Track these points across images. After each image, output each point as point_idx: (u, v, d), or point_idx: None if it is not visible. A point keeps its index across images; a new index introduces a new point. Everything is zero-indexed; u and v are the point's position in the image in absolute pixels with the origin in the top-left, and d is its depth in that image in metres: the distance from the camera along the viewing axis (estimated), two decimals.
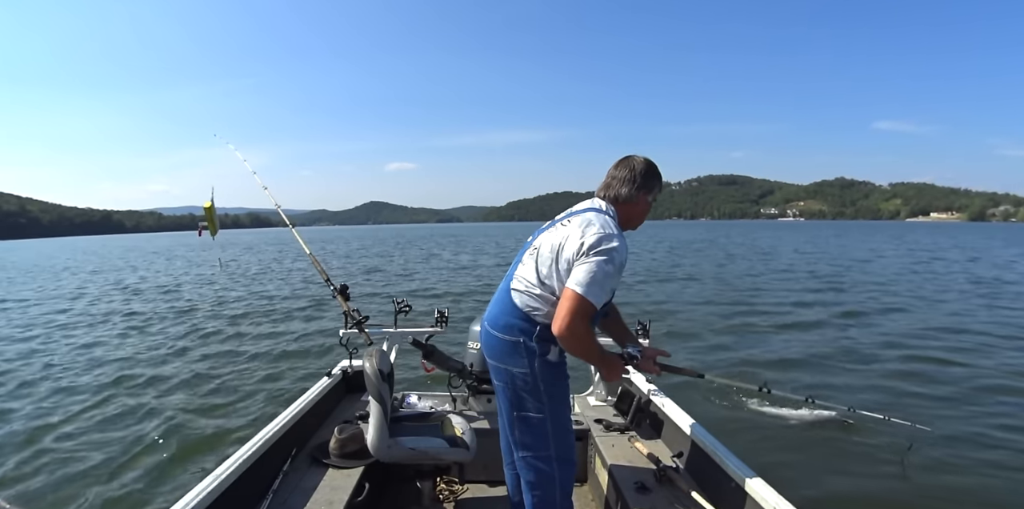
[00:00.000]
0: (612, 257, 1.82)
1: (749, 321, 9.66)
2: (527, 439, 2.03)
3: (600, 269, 1.79)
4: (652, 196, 2.08)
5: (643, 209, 2.09)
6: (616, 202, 2.04)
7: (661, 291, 14.09)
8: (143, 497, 3.56)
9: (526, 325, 1.95)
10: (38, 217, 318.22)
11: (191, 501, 1.79)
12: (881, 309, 11.26)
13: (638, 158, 2.05)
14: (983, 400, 5.57)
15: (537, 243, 2.02)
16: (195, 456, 4.12)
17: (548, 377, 1.98)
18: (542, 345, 1.93)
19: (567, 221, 1.98)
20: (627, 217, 2.06)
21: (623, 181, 2.03)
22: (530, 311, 1.94)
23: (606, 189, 2.06)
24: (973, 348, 7.83)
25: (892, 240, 47.76)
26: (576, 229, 1.89)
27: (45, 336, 9.31)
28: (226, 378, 6.03)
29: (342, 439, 2.55)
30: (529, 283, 1.95)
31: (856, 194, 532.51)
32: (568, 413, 2.08)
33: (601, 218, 1.92)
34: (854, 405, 2.50)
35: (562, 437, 2.03)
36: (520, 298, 1.96)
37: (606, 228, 1.87)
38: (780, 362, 7.05)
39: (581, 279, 1.79)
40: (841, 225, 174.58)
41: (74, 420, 4.80)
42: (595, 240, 1.82)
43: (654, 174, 2.06)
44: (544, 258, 1.93)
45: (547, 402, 1.99)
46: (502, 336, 1.99)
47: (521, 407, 2.01)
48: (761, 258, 26.47)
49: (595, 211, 1.98)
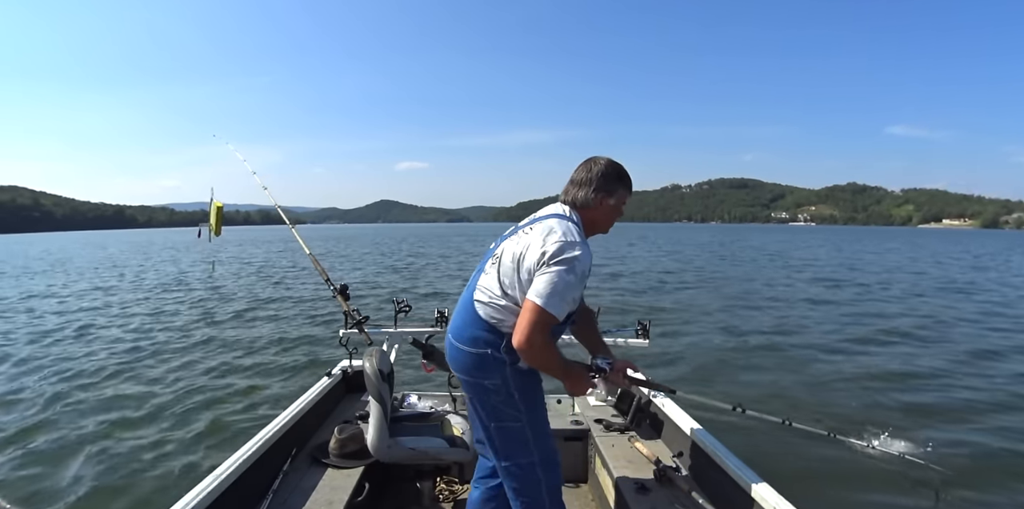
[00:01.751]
0: (573, 266, 1.74)
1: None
2: (509, 448, 1.96)
3: (561, 279, 1.72)
4: (615, 199, 1.96)
5: (606, 213, 1.97)
6: (576, 206, 1.94)
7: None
8: (143, 497, 3.56)
9: (492, 337, 1.87)
10: (51, 211, 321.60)
11: (191, 501, 1.79)
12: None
13: (600, 159, 1.96)
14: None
15: (499, 251, 1.93)
16: (194, 456, 4.11)
17: (522, 385, 1.91)
18: (512, 355, 1.83)
19: (529, 228, 1.89)
20: (590, 222, 1.96)
21: (581, 184, 1.94)
22: (496, 323, 1.86)
23: (566, 193, 1.98)
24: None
25: (950, 247, 45.72)
26: (537, 237, 1.81)
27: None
28: (226, 378, 6.03)
29: (342, 439, 2.54)
30: (492, 294, 1.86)
31: (868, 199, 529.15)
32: (545, 416, 2.02)
33: (563, 225, 1.83)
34: (834, 430, 2.36)
35: (543, 441, 1.97)
36: (484, 310, 1.88)
37: (568, 235, 1.78)
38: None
39: (541, 290, 1.72)
40: (854, 230, 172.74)
41: (66, 419, 4.80)
42: (556, 249, 1.74)
43: (615, 176, 1.95)
44: (506, 267, 1.85)
45: (524, 410, 1.91)
46: (468, 349, 1.90)
47: (498, 418, 1.93)
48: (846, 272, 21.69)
49: (558, 217, 1.89)
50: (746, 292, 14.61)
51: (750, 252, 33.02)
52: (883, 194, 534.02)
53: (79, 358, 7.31)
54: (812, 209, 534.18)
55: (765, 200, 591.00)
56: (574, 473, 2.99)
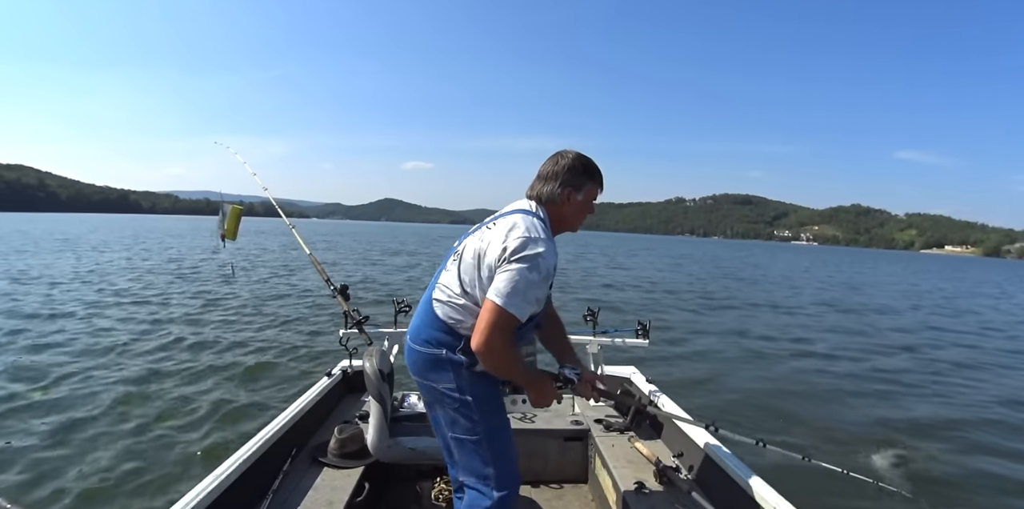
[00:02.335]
0: (536, 264, 1.63)
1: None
2: (465, 461, 1.85)
3: (523, 277, 1.62)
4: (583, 194, 1.85)
5: (574, 209, 1.86)
6: (542, 202, 1.85)
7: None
8: (142, 497, 3.53)
9: (449, 338, 1.77)
10: (56, 192, 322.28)
11: (191, 501, 1.78)
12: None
13: (568, 153, 1.86)
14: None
15: (461, 248, 1.82)
16: (194, 456, 4.08)
17: (479, 391, 1.79)
18: (470, 356, 1.73)
19: (492, 224, 1.79)
20: (557, 218, 1.85)
21: (547, 179, 1.84)
22: (454, 324, 1.76)
23: (532, 188, 1.88)
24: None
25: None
26: (500, 233, 1.71)
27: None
28: (225, 378, 6.00)
29: (342, 439, 2.52)
30: (452, 293, 1.77)
31: (871, 222, 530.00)
32: (506, 427, 1.89)
33: (528, 220, 1.73)
34: (810, 455, 2.28)
35: (501, 456, 1.83)
36: (442, 309, 1.78)
37: (531, 231, 1.68)
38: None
39: (501, 289, 1.61)
40: (857, 252, 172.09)
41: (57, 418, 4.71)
42: (518, 245, 1.64)
43: (583, 170, 1.84)
44: (467, 265, 1.74)
45: (480, 419, 1.79)
46: (422, 349, 1.81)
47: (454, 428, 1.82)
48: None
49: (523, 213, 1.78)
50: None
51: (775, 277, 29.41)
52: (887, 217, 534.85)
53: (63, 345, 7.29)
54: (815, 229, 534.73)
55: (768, 217, 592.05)
56: (574, 473, 2.98)
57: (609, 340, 3.31)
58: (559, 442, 2.95)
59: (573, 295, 14.71)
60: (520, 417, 3.02)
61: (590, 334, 3.32)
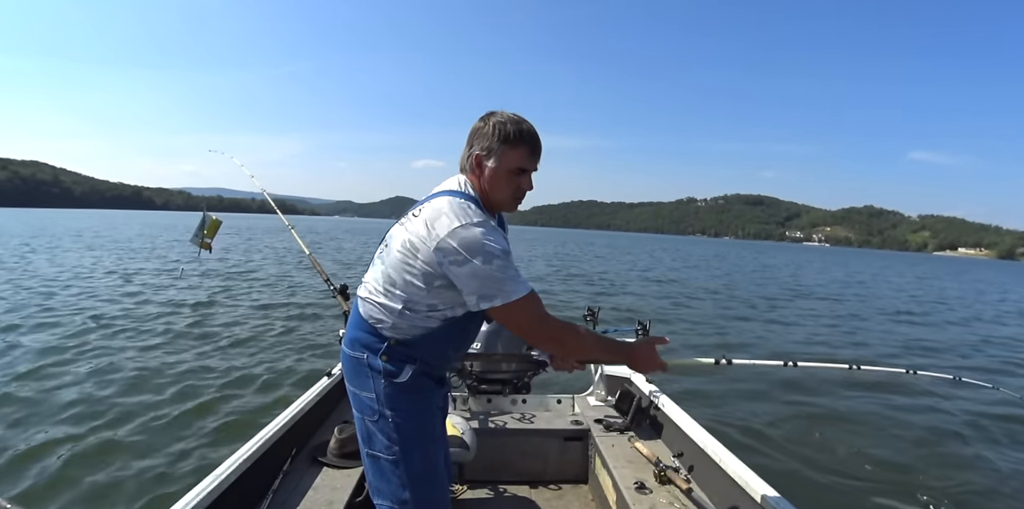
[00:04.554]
0: (488, 252, 1.39)
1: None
2: (377, 482, 1.62)
3: (494, 268, 1.39)
4: (495, 161, 1.52)
5: (492, 177, 1.54)
6: (465, 172, 1.59)
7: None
8: (142, 497, 3.54)
9: (371, 339, 1.55)
10: (71, 188, 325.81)
11: (191, 501, 1.77)
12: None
13: (492, 113, 1.55)
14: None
15: (387, 239, 1.59)
16: (194, 456, 4.09)
17: (398, 405, 1.55)
18: (391, 364, 1.53)
19: (418, 210, 1.52)
20: (482, 192, 1.57)
21: (466, 143, 1.58)
22: (375, 323, 1.54)
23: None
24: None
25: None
26: (425, 226, 1.44)
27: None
28: (225, 378, 6.02)
29: (342, 439, 2.52)
30: (374, 289, 1.55)
31: (884, 223, 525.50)
32: (433, 447, 1.63)
33: (453, 204, 1.45)
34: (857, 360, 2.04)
35: (423, 480, 1.59)
36: (364, 307, 1.57)
37: (460, 217, 1.41)
38: None
39: (491, 290, 1.41)
40: (871, 254, 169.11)
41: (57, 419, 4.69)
42: (457, 242, 1.39)
43: (493, 131, 1.52)
44: (394, 259, 1.50)
45: (398, 439, 1.55)
46: (347, 351, 1.61)
47: (369, 443, 1.59)
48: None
49: (448, 194, 1.50)
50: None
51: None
52: (900, 219, 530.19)
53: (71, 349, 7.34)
54: (827, 230, 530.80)
55: (780, 218, 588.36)
56: (574, 473, 2.98)
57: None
58: (559, 442, 2.95)
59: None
60: (520, 417, 3.02)
61: None
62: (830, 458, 4.60)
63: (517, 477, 2.92)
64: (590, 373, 3.42)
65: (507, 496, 2.79)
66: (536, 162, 1.58)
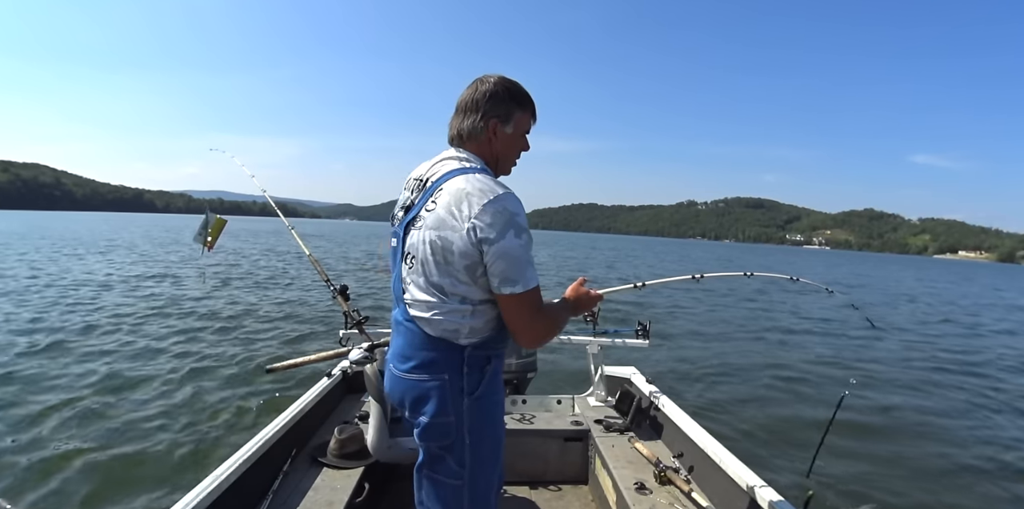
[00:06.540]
0: (517, 226, 1.35)
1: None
2: (431, 504, 1.54)
3: (517, 249, 1.35)
4: (512, 126, 1.50)
5: (504, 146, 1.52)
6: (464, 141, 1.51)
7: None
8: (142, 497, 3.54)
9: (450, 354, 1.43)
10: (72, 191, 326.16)
11: (191, 501, 1.78)
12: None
13: (489, 77, 1.51)
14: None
15: (408, 250, 1.47)
16: (193, 456, 4.09)
17: (478, 424, 1.46)
18: (472, 373, 1.44)
19: (432, 203, 1.42)
20: (491, 159, 1.52)
21: (466, 110, 1.49)
22: (450, 336, 1.43)
23: (451, 127, 1.53)
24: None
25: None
26: (450, 214, 1.37)
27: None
28: (225, 378, 6.02)
29: (342, 439, 2.52)
30: (430, 304, 1.43)
31: (884, 226, 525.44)
32: (495, 472, 1.56)
33: (472, 180, 1.38)
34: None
35: (479, 505, 1.51)
36: (431, 327, 1.43)
37: (486, 193, 1.35)
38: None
39: (510, 274, 1.35)
40: (871, 257, 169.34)
41: (58, 419, 4.71)
42: (490, 219, 1.33)
43: (509, 95, 1.49)
44: (431, 266, 1.41)
45: (470, 463, 1.47)
46: (423, 378, 1.45)
47: (433, 466, 1.50)
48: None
49: (458, 173, 1.42)
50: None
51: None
52: (900, 222, 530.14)
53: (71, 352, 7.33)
54: (827, 233, 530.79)
55: (780, 221, 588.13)
56: (574, 474, 2.98)
57: (609, 340, 3.30)
58: (559, 442, 2.95)
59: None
60: (520, 417, 3.02)
61: (590, 334, 3.30)
62: (831, 458, 4.58)
63: (517, 478, 2.92)
64: (590, 374, 3.42)
65: (507, 497, 2.79)
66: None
